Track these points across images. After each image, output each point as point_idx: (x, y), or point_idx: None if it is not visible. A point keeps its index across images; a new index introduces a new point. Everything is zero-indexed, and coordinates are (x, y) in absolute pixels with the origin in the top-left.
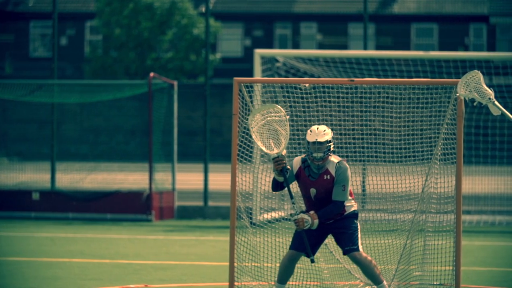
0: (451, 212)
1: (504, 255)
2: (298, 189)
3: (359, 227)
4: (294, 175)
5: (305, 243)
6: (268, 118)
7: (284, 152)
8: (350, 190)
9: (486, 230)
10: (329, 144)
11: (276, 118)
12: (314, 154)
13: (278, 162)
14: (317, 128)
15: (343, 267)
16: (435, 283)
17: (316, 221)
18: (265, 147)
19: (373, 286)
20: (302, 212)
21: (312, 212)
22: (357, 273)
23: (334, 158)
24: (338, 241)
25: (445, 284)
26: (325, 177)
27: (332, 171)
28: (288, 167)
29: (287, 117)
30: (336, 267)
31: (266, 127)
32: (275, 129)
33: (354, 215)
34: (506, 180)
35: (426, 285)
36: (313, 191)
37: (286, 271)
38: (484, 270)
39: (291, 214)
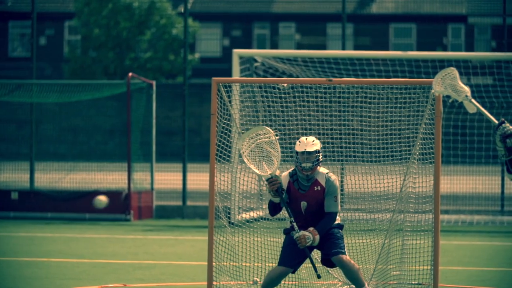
0: (429, 211)
1: (481, 255)
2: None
3: (344, 237)
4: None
5: (311, 260)
6: (258, 141)
7: (277, 172)
8: None
9: (464, 229)
10: (318, 154)
11: (266, 139)
12: (303, 165)
13: (272, 183)
14: (306, 138)
15: (321, 266)
16: (413, 282)
17: (317, 237)
18: (258, 169)
19: (352, 286)
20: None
21: (311, 228)
22: (335, 272)
23: (323, 169)
24: (323, 248)
25: (423, 284)
26: (315, 188)
27: (322, 182)
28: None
29: (277, 137)
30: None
31: (257, 150)
32: (266, 150)
33: (340, 226)
34: (484, 180)
35: (404, 285)
36: (304, 204)
37: (272, 285)
38: (462, 270)
39: (291, 233)
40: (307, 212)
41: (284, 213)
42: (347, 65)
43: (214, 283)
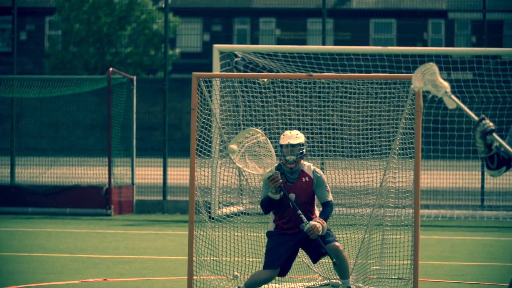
0: (409, 206)
1: (461, 249)
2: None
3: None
4: None
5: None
6: (246, 144)
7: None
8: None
9: (444, 224)
10: (302, 147)
11: (254, 141)
12: (287, 157)
13: (274, 180)
14: (290, 132)
15: (302, 261)
16: (393, 277)
17: (325, 225)
18: (256, 171)
19: (332, 280)
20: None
21: (319, 219)
22: (315, 267)
23: (307, 163)
24: (316, 240)
25: (403, 278)
26: (303, 180)
27: (310, 173)
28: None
29: (264, 137)
30: (295, 261)
31: (248, 153)
32: (257, 151)
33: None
34: (464, 175)
35: (384, 279)
36: (292, 196)
37: (258, 285)
38: (442, 264)
39: (301, 225)
40: (295, 204)
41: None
42: (327, 60)
43: (195, 277)
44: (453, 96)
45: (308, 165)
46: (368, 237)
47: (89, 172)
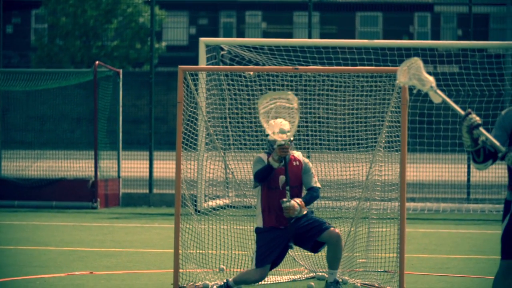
0: (395, 199)
1: (447, 242)
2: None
3: None
4: None
5: (291, 226)
6: (278, 103)
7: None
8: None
9: (430, 217)
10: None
11: (287, 105)
12: (282, 138)
13: (284, 150)
14: (274, 120)
15: (288, 254)
16: (379, 270)
17: (304, 210)
18: (271, 133)
19: (318, 273)
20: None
21: (299, 199)
22: (301, 260)
23: (295, 151)
24: (309, 231)
25: (389, 271)
26: (294, 163)
27: (300, 158)
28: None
29: (298, 107)
30: None
31: (274, 112)
32: (283, 116)
33: (311, 212)
34: (450, 168)
35: (370, 272)
36: (282, 178)
37: (247, 284)
38: (427, 257)
39: (281, 201)
40: (284, 187)
41: (250, 200)
42: (314, 53)
43: (181, 270)
44: (438, 91)
45: (298, 153)
46: (354, 230)
47: (75, 165)
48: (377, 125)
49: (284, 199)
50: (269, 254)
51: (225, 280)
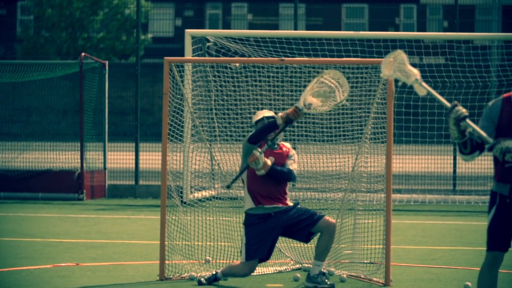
0: (381, 191)
1: (433, 233)
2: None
3: None
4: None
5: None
6: (324, 77)
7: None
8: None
9: (416, 208)
10: None
11: (329, 82)
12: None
13: (296, 113)
14: (256, 111)
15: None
16: (365, 261)
17: (267, 168)
18: (303, 97)
19: (304, 265)
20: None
21: (271, 159)
22: (287, 251)
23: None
24: (301, 223)
25: (375, 262)
26: (284, 149)
27: (287, 146)
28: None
29: (340, 100)
30: None
31: (318, 84)
32: (324, 86)
33: (297, 203)
34: (435, 159)
35: (356, 263)
36: (271, 159)
37: (236, 277)
38: (413, 248)
39: (260, 150)
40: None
41: (236, 191)
42: (299, 45)
43: (167, 262)
44: (424, 84)
45: (288, 144)
46: (340, 221)
47: (61, 157)
48: (363, 117)
49: (260, 150)
50: (259, 247)
51: (213, 272)
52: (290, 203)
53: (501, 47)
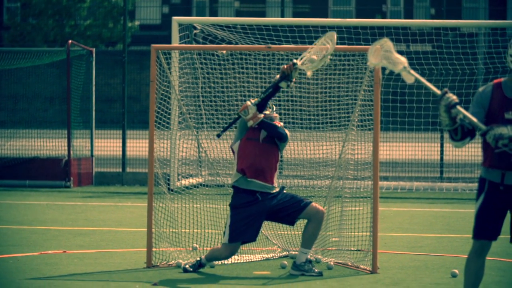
0: (368, 178)
1: (420, 221)
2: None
3: None
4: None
5: (265, 209)
6: (320, 41)
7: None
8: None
9: (403, 196)
10: None
11: (322, 45)
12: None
13: (291, 68)
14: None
15: (261, 233)
16: (352, 248)
17: (256, 119)
18: (303, 56)
19: (291, 252)
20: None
21: (264, 115)
22: (274, 238)
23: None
24: (287, 209)
25: (362, 250)
26: (279, 125)
27: (281, 123)
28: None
29: (328, 53)
30: None
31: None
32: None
33: (283, 188)
34: (423, 147)
35: (343, 251)
36: (263, 132)
37: (218, 260)
38: (400, 236)
39: (252, 102)
40: (264, 141)
41: (223, 179)
42: (286, 32)
43: (154, 249)
44: (412, 71)
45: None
46: (327, 209)
47: (48, 144)
48: (350, 104)
49: (252, 99)
50: (243, 231)
51: (198, 258)
52: (276, 185)
53: (488, 35)
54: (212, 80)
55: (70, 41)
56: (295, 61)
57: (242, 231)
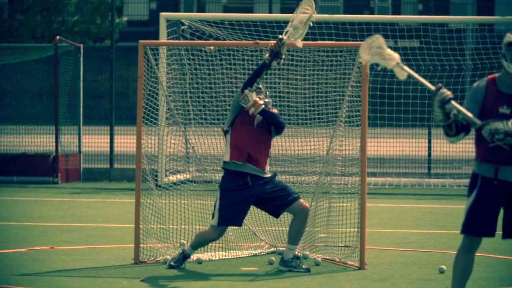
0: (356, 174)
1: (407, 217)
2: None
3: None
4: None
5: (254, 194)
6: (299, 10)
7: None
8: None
9: (391, 192)
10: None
11: (302, 13)
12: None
13: (279, 44)
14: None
15: (248, 228)
16: (340, 244)
17: (253, 110)
18: (287, 30)
19: (279, 248)
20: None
21: (263, 103)
22: (262, 234)
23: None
24: (275, 200)
25: (350, 246)
26: (274, 111)
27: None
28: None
29: (310, 17)
30: (241, 229)
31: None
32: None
33: (275, 175)
34: (410, 142)
35: (331, 247)
36: (259, 117)
37: (205, 244)
38: (388, 232)
39: (248, 88)
40: (258, 126)
41: (211, 175)
42: (274, 28)
43: (142, 245)
44: (405, 67)
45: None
46: (315, 205)
47: (36, 140)
48: (338, 100)
49: (250, 88)
50: (232, 216)
51: (181, 251)
52: (268, 171)
53: (476, 31)
54: (199, 76)
55: (57, 37)
56: (281, 36)
57: (231, 216)
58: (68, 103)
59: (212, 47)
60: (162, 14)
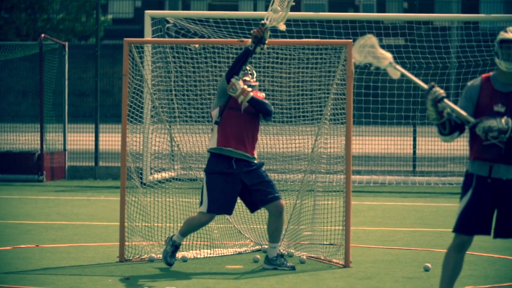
0: (340, 172)
1: (392, 215)
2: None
3: None
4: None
5: (239, 179)
6: None
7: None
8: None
9: (376, 190)
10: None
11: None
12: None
13: (261, 30)
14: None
15: (233, 227)
16: (325, 242)
17: (243, 98)
18: (268, 15)
19: (264, 246)
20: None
21: (251, 90)
22: (247, 233)
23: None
24: (255, 193)
25: (334, 244)
26: (259, 94)
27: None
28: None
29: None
30: (226, 227)
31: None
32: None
33: (262, 164)
34: (395, 141)
35: (316, 245)
36: (245, 104)
37: (194, 230)
38: (373, 230)
39: (234, 76)
40: (245, 111)
41: (196, 173)
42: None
43: (126, 243)
44: (398, 66)
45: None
46: (299, 203)
47: (21, 138)
48: (323, 98)
49: (236, 76)
50: (222, 203)
51: (170, 243)
52: (256, 157)
53: (461, 28)
54: (184, 74)
55: (43, 35)
56: (263, 21)
57: (221, 203)
58: (53, 101)
59: (197, 45)
60: (147, 12)
